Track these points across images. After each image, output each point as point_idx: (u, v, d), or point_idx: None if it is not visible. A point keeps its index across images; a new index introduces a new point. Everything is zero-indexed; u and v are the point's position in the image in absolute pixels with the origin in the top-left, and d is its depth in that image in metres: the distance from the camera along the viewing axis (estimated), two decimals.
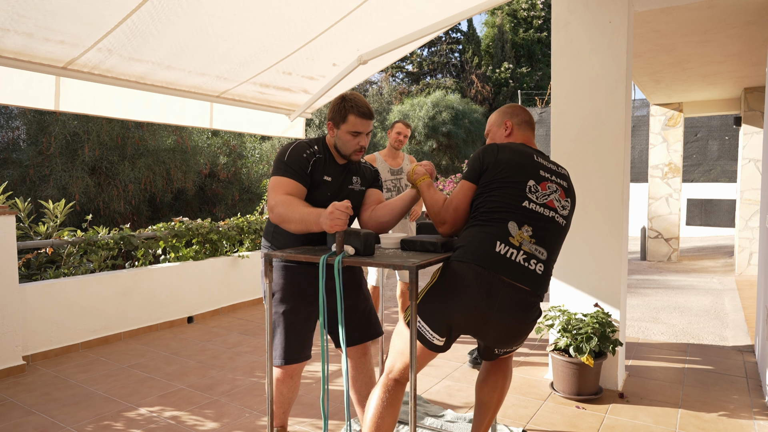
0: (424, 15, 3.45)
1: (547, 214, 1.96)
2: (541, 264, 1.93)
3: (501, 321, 1.89)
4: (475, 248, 1.88)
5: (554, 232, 1.98)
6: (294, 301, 2.26)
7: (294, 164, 2.17)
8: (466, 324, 1.90)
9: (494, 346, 2.06)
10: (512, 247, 1.88)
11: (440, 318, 1.89)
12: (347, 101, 2.20)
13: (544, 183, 2.00)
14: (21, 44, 2.83)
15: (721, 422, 2.84)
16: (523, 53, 24.66)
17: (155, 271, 4.89)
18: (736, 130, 12.78)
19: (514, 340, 2.01)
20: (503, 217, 1.91)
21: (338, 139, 2.24)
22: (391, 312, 5.47)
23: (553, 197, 2.00)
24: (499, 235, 1.88)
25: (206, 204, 13.09)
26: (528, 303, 1.90)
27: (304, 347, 2.30)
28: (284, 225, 2.10)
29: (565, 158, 3.36)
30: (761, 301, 3.59)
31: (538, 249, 1.92)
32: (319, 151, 2.26)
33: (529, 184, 1.96)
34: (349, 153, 2.25)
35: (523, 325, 1.95)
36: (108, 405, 3.16)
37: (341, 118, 2.20)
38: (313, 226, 2.00)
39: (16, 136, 10.94)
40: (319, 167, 2.24)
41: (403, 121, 4.18)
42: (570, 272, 3.37)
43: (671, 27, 4.61)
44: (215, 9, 2.89)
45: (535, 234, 1.93)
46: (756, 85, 7.37)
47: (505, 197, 1.93)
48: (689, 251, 10.34)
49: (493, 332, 1.93)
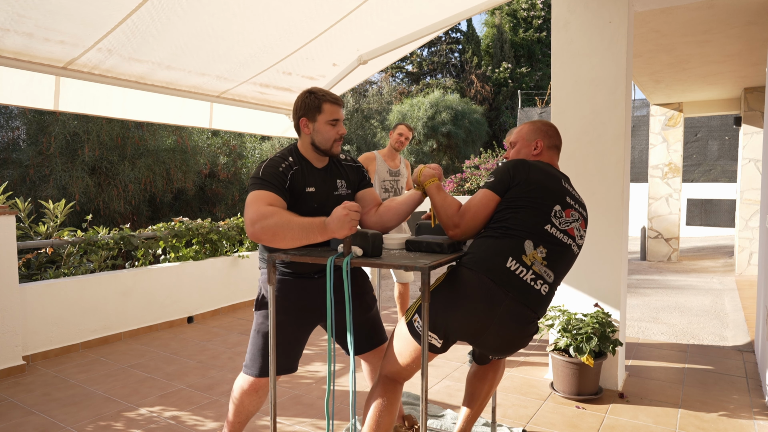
0: (424, 15, 3.45)
1: (565, 240, 1.95)
2: (547, 285, 1.92)
3: (500, 332, 1.89)
4: (487, 259, 1.87)
5: (567, 258, 1.98)
6: (285, 314, 2.15)
7: (270, 178, 2.02)
8: (465, 330, 1.90)
9: (489, 353, 2.08)
10: (523, 265, 1.87)
11: (441, 321, 1.88)
12: (315, 92, 2.13)
13: (569, 210, 1.98)
14: (21, 44, 2.83)
15: (721, 422, 2.84)
16: (523, 53, 24.66)
17: (155, 271, 4.89)
18: (736, 130, 12.78)
19: (510, 350, 2.02)
20: (522, 234, 1.89)
21: (316, 133, 2.12)
22: (391, 312, 5.47)
23: (574, 226, 1.99)
24: (513, 251, 1.87)
25: (206, 204, 13.09)
26: (528, 318, 1.90)
27: (287, 361, 2.19)
28: (273, 240, 1.87)
29: (565, 158, 3.36)
30: (761, 301, 3.59)
31: (547, 272, 1.91)
32: (295, 162, 2.12)
33: (555, 209, 1.94)
34: (329, 145, 2.14)
35: (520, 339, 1.95)
36: (108, 405, 3.16)
37: (316, 109, 2.11)
38: (318, 235, 1.84)
39: (16, 136, 10.94)
40: (298, 179, 2.10)
41: (406, 123, 4.18)
42: (570, 272, 3.37)
43: (671, 27, 4.61)
44: (215, 9, 2.89)
45: (548, 257, 1.91)
46: (756, 85, 7.37)
47: (530, 217, 1.91)
48: (689, 251, 10.34)
49: (491, 341, 1.93)
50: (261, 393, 2.21)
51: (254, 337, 2.20)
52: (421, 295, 1.76)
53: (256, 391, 2.19)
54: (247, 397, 2.21)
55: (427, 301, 1.75)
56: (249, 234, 1.92)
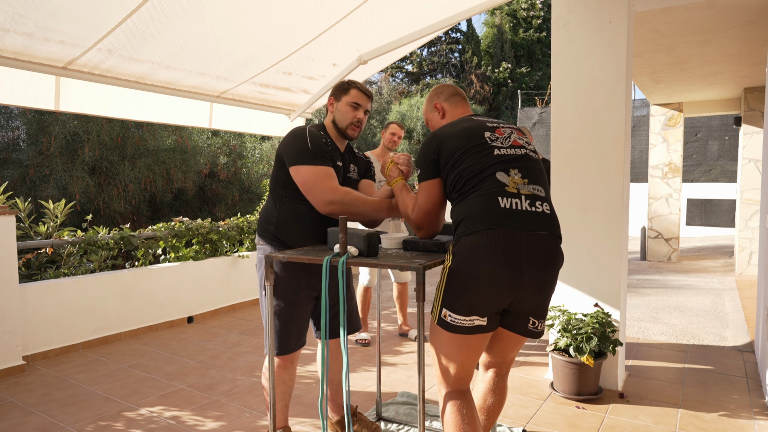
0: (424, 15, 3.45)
1: (519, 152, 1.92)
2: (545, 203, 1.87)
3: (533, 276, 1.79)
4: (480, 213, 1.79)
5: (536, 168, 1.93)
6: (293, 293, 2.28)
7: (320, 150, 2.21)
8: (502, 293, 1.78)
9: (530, 313, 1.91)
10: (513, 196, 1.81)
11: (473, 299, 1.78)
12: (350, 80, 2.37)
13: (498, 130, 1.96)
14: (21, 44, 2.83)
15: (721, 422, 2.84)
16: (523, 53, 24.65)
17: (155, 271, 4.89)
18: (736, 130, 12.78)
19: (547, 296, 1.91)
20: (488, 172, 1.84)
21: (337, 111, 2.31)
22: (391, 312, 5.47)
23: (514, 137, 1.96)
24: (496, 190, 1.81)
25: (206, 204, 13.09)
26: (551, 248, 1.84)
27: (301, 335, 2.37)
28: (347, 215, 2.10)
29: (565, 158, 3.36)
30: (761, 301, 3.59)
31: (534, 188, 1.87)
32: (327, 137, 2.32)
33: (486, 136, 1.92)
34: (345, 125, 2.30)
35: (552, 277, 1.87)
36: (108, 405, 3.16)
37: (343, 92, 2.32)
38: (385, 212, 2.17)
39: (16, 136, 10.93)
40: (333, 152, 2.30)
41: (398, 122, 4.18)
42: (570, 272, 3.37)
43: (671, 27, 4.61)
44: (215, 9, 2.89)
45: (524, 173, 1.87)
46: (756, 85, 7.37)
47: (473, 158, 1.87)
48: (689, 251, 10.34)
49: (529, 294, 1.82)
50: (295, 362, 2.40)
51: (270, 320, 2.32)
52: (417, 295, 1.74)
53: (291, 362, 2.37)
54: (285, 372, 2.36)
55: (422, 300, 1.74)
56: (323, 210, 2.15)
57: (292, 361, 2.37)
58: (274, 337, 2.25)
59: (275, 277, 2.24)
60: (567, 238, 3.35)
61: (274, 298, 2.26)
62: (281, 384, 2.36)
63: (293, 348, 2.33)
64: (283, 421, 2.43)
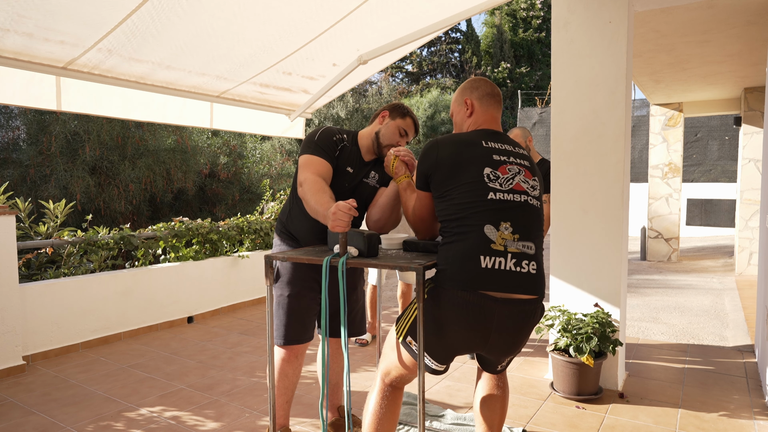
0: (424, 15, 3.45)
1: (518, 199, 1.76)
2: (533, 262, 1.75)
3: (500, 338, 1.78)
4: (459, 270, 1.71)
5: (532, 218, 1.79)
6: (299, 285, 2.33)
7: (324, 145, 2.25)
8: (464, 349, 1.83)
9: (497, 359, 1.96)
10: (498, 255, 1.69)
11: (435, 347, 1.81)
12: (410, 109, 2.40)
13: (503, 167, 1.79)
14: (21, 44, 2.83)
15: (721, 422, 2.84)
16: (523, 53, 24.66)
17: (155, 271, 4.89)
18: (736, 130, 12.78)
19: (517, 348, 1.91)
20: (476, 222, 1.71)
21: (386, 127, 2.33)
22: (391, 312, 5.47)
23: (518, 179, 1.79)
24: (480, 247, 1.69)
25: (206, 204, 13.09)
26: (526, 312, 1.76)
27: (307, 329, 2.39)
28: (305, 204, 2.12)
29: (565, 158, 3.36)
30: (761, 301, 3.59)
31: (525, 245, 1.73)
32: (348, 141, 2.34)
33: (486, 173, 1.76)
34: (385, 144, 2.32)
35: (524, 336, 1.85)
36: (108, 405, 3.16)
37: (401, 114, 2.35)
38: (322, 219, 2.01)
39: (17, 135, 10.93)
40: (344, 156, 2.31)
41: None
42: (570, 272, 3.37)
43: (671, 27, 4.61)
44: (215, 9, 2.89)
45: (516, 228, 1.73)
46: (756, 85, 7.37)
47: (465, 196, 1.74)
48: (689, 251, 10.34)
49: (495, 348, 1.84)
50: (300, 357, 2.42)
51: (275, 310, 2.36)
52: (416, 296, 1.74)
53: (296, 356, 2.39)
54: (289, 366, 2.38)
55: (422, 301, 1.74)
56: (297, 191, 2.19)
57: (296, 355, 2.39)
58: (275, 327, 2.32)
59: (282, 267, 2.34)
60: (567, 238, 3.35)
61: (280, 287, 2.35)
62: (284, 378, 2.38)
63: (295, 339, 2.35)
64: (284, 419, 2.43)
